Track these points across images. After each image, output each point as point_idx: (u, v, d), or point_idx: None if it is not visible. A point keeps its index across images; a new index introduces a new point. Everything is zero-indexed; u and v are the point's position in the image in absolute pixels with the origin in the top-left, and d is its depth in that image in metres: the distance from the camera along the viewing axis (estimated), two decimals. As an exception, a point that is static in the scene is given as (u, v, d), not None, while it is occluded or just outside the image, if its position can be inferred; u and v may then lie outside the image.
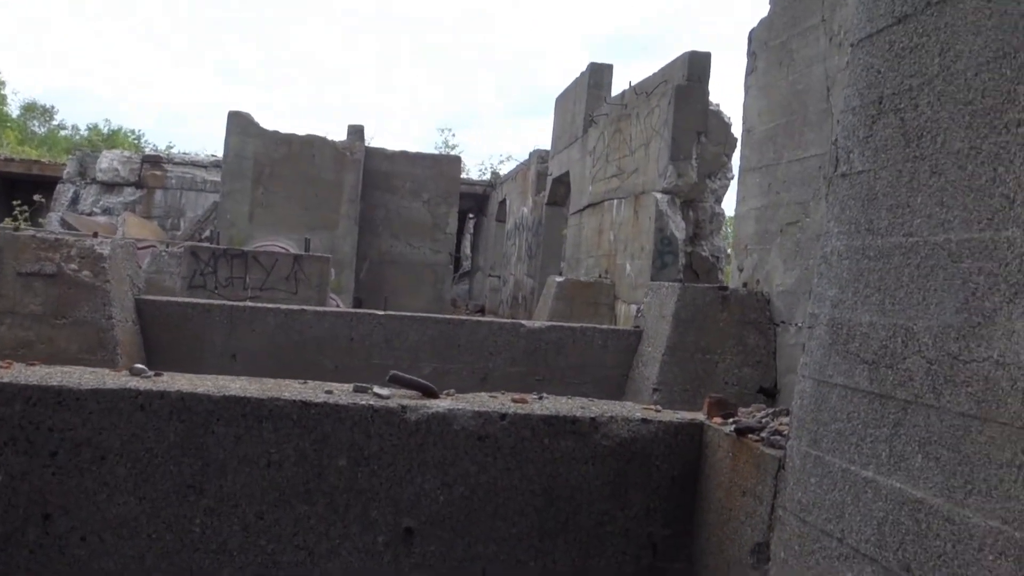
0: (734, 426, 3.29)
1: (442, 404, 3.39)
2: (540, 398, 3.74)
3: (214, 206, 20.20)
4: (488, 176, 27.67)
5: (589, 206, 13.46)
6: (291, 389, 3.43)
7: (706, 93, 10.49)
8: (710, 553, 3.33)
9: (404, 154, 16.18)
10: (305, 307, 7.27)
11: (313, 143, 14.43)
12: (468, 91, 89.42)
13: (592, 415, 3.47)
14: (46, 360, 6.29)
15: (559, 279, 11.86)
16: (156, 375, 3.51)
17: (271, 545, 3.21)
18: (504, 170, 27.14)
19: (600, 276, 12.06)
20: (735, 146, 11.36)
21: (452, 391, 3.71)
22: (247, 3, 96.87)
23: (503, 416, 3.39)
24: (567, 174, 15.83)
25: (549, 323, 7.39)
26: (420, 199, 16.17)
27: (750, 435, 3.19)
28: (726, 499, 3.24)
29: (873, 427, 2.44)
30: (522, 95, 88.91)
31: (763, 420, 3.37)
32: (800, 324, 6.42)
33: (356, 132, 14.81)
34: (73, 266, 6.26)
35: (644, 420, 3.48)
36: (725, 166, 11.38)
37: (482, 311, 22.34)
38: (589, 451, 3.39)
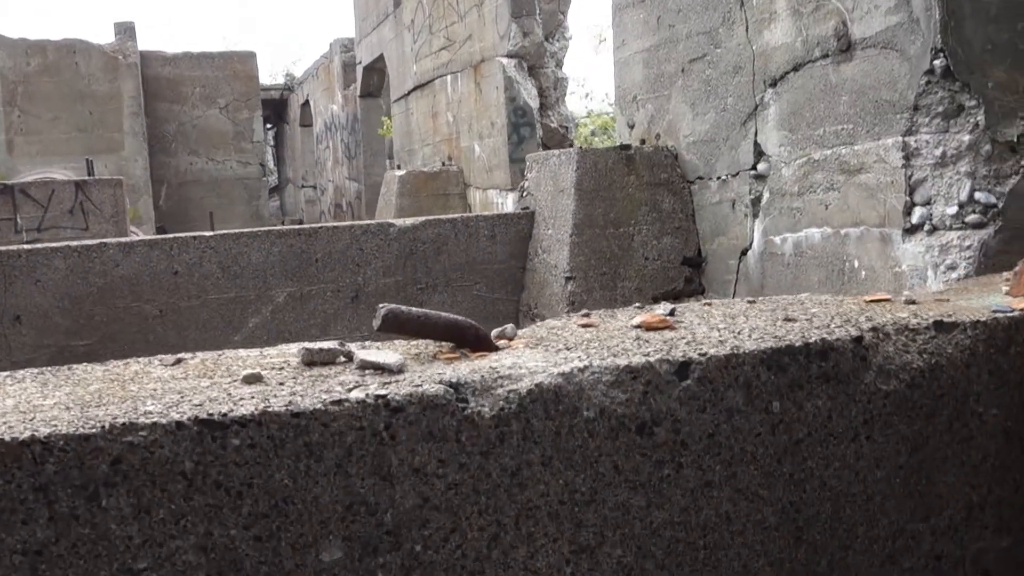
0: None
1: (529, 361, 1.67)
2: (671, 313, 2.01)
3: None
4: (283, 80, 25.13)
5: (416, 88, 11.96)
6: (154, 386, 1.59)
7: (541, -66, 9.17)
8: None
9: (188, 55, 13.90)
10: (105, 240, 5.57)
11: (75, 48, 11.92)
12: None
13: (853, 334, 1.77)
14: None
15: (399, 172, 10.44)
16: None
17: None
18: (299, 71, 24.71)
19: (444, 164, 10.72)
20: (570, 2, 10.20)
21: (510, 327, 2.01)
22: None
23: (684, 368, 1.65)
24: (380, 58, 14.15)
25: (423, 218, 6.07)
26: (216, 106, 14.04)
27: None
28: None
29: None
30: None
31: None
32: (723, 176, 5.45)
33: (126, 31, 12.37)
34: None
35: (939, 326, 1.85)
36: (562, 25, 10.19)
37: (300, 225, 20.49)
38: (858, 411, 1.74)
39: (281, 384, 1.58)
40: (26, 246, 5.39)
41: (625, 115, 6.56)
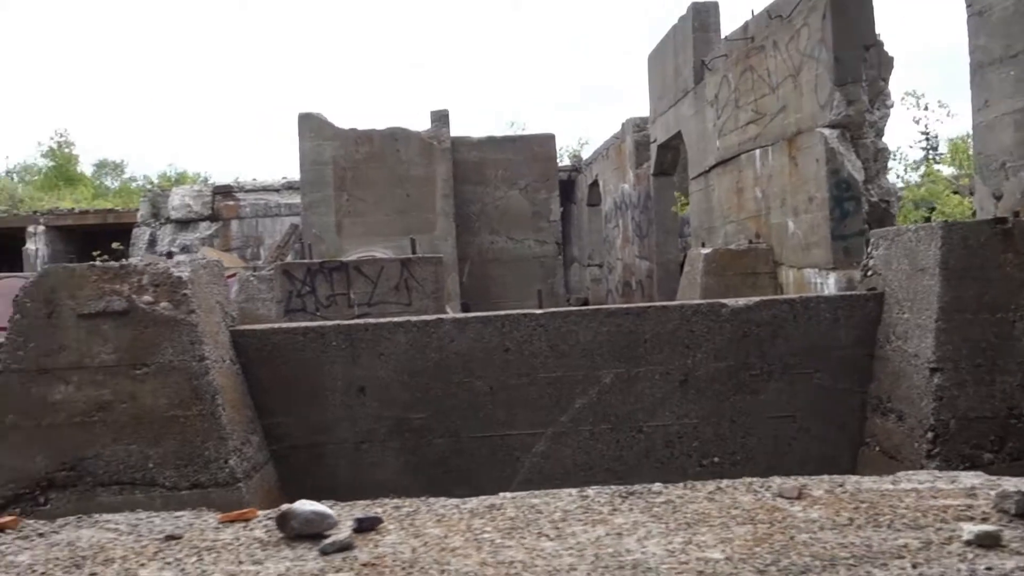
0: None
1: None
2: None
3: (292, 229, 18.97)
4: (569, 161, 25.85)
5: (718, 164, 11.64)
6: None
7: (869, -5, 8.61)
8: None
9: (492, 139, 14.57)
10: (442, 316, 5.69)
11: (396, 137, 12.89)
12: (519, 87, 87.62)
13: None
14: (130, 424, 4.85)
15: (705, 250, 10.09)
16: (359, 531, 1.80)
17: None
18: (586, 153, 25.31)
19: (751, 242, 10.24)
20: (891, 67, 9.44)
21: None
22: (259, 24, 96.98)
23: None
24: (677, 136, 14.02)
25: (758, 299, 5.65)
26: (516, 187, 14.55)
27: None
28: None
29: None
30: (572, 88, 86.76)
31: None
32: None
33: (441, 118, 13.21)
34: (147, 298, 4.78)
35: None
36: (883, 92, 9.46)
37: (586, 304, 20.62)
38: None
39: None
40: (371, 320, 5.61)
41: (989, 184, 5.81)
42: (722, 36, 12.17)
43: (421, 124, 13.77)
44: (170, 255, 19.63)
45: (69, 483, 4.76)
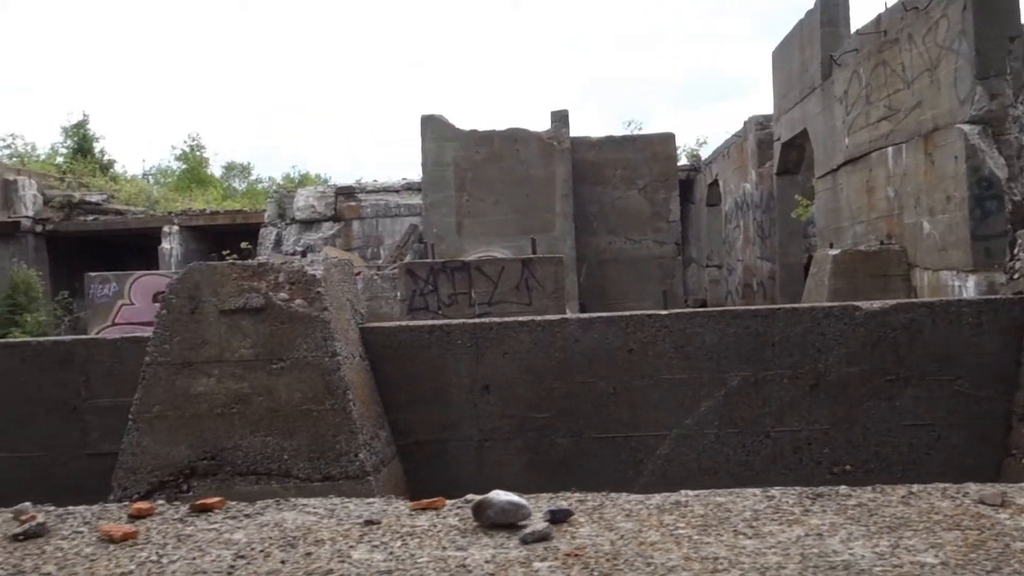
0: None
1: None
2: None
3: (412, 229, 19.37)
4: (687, 161, 25.47)
5: (847, 163, 11.24)
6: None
7: (1015, -15, 8.15)
8: None
9: (610, 139, 14.50)
10: (566, 316, 5.70)
11: (516, 137, 13.00)
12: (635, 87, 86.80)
13: None
14: (266, 417, 5.05)
15: (832, 252, 9.76)
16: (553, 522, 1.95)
17: None
18: (705, 152, 24.90)
19: (883, 243, 9.85)
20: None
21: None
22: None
23: None
24: (802, 134, 13.63)
25: (894, 302, 5.43)
26: (635, 187, 14.43)
27: None
28: None
29: None
30: (692, 86, 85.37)
31: None
32: None
33: (560, 119, 13.24)
34: (283, 295, 4.97)
35: None
36: (1029, 85, 8.93)
37: (703, 306, 20.27)
38: None
39: None
40: (496, 319, 5.67)
41: None
42: (852, 30, 11.76)
43: (542, 125, 13.85)
44: (304, 254, 20.38)
45: (210, 472, 4.98)
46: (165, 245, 23.73)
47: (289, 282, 5.06)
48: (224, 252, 16.79)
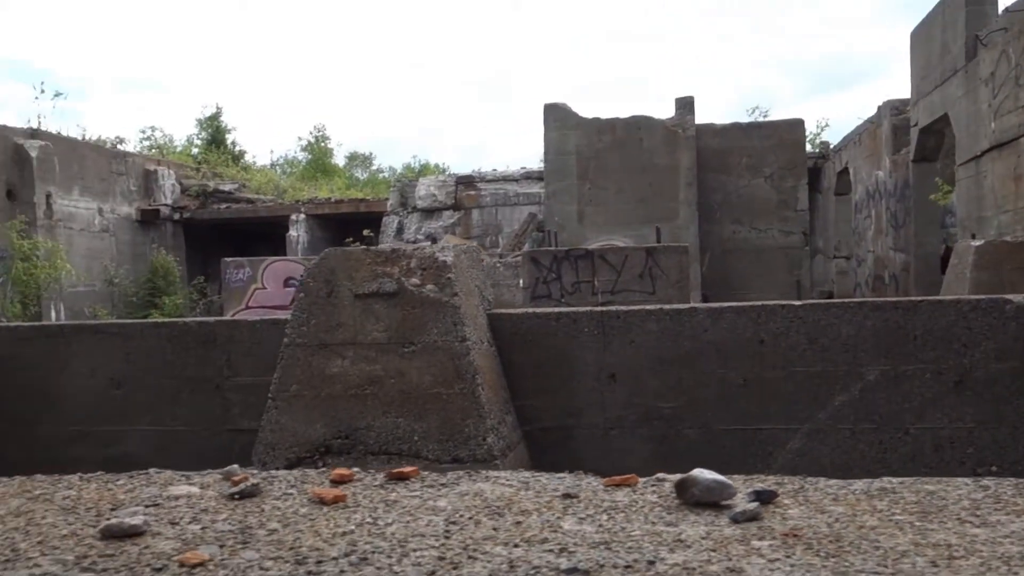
0: None
1: None
2: None
3: (530, 217, 19.46)
4: (814, 149, 24.61)
5: (992, 148, 10.64)
6: None
7: None
8: None
9: (736, 126, 14.16)
10: (695, 305, 5.61)
11: (639, 125, 12.88)
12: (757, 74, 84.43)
13: None
14: (398, 399, 5.18)
15: (975, 243, 9.26)
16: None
17: None
18: (834, 139, 24.01)
19: (1032, 233, 9.28)
20: None
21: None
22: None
23: None
24: (942, 119, 12.96)
25: (1050, 294, 5.12)
26: (761, 175, 14.07)
27: None
28: None
29: None
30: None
31: None
32: None
33: (685, 106, 13.03)
34: (415, 280, 5.08)
35: None
36: None
37: (830, 298, 19.57)
38: None
39: None
40: (622, 307, 5.64)
41: None
42: (999, 8, 11.10)
43: (667, 112, 13.65)
44: (432, 240, 20.77)
45: (344, 450, 5.14)
46: (292, 232, 24.62)
47: (421, 268, 5.17)
48: (347, 240, 17.30)
